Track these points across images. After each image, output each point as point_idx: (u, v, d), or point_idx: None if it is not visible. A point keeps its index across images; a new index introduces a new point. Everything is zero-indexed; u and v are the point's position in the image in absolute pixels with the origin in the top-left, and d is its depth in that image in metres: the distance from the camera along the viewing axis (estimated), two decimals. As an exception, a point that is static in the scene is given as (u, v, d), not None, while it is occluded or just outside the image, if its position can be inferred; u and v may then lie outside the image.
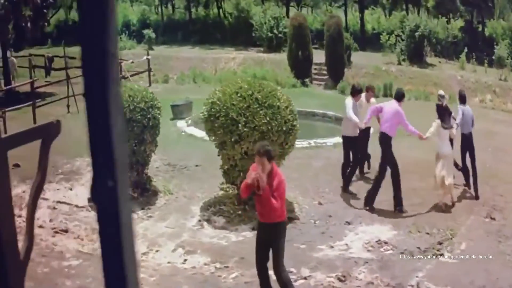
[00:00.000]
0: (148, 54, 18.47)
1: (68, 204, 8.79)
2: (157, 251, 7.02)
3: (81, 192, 9.28)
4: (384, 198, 8.81)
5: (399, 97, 8.63)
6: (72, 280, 6.48)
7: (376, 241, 7.56)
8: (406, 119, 8.47)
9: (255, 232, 7.68)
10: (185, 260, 6.79)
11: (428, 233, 7.94)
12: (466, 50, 21.21)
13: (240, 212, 7.88)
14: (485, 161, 10.31)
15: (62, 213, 8.42)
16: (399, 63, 21.26)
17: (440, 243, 7.66)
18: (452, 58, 22.16)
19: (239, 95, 7.50)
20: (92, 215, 8.44)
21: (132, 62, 17.93)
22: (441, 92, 10.21)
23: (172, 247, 7.09)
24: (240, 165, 7.60)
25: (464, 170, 9.28)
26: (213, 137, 7.77)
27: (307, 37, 19.31)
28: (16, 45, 18.11)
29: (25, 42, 16.98)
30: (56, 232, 7.73)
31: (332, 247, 7.27)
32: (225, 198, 8.23)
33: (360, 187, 9.17)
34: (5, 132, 12.67)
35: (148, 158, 8.69)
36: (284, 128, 7.57)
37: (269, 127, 7.40)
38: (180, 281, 6.27)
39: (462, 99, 9.26)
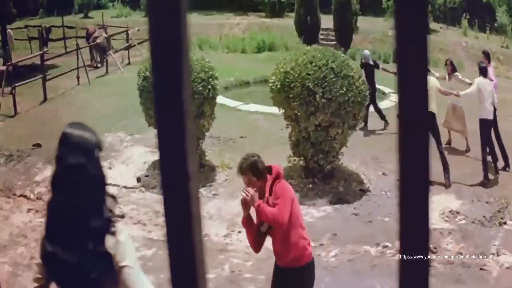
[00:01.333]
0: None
1: (115, 185, 7.90)
2: (239, 232, 6.63)
3: (124, 171, 8.63)
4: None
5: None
6: (154, 275, 5.74)
7: (449, 211, 7.54)
8: None
9: (335, 206, 7.51)
10: (274, 240, 6.51)
11: (487, 202, 7.99)
12: (468, 16, 21.21)
13: (310, 185, 7.67)
14: (511, 130, 10.32)
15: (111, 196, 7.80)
16: (403, 29, 21.09)
17: (499, 211, 7.75)
18: (453, 24, 22.16)
19: (313, 64, 7.16)
20: (147, 197, 7.84)
21: (138, 30, 17.14)
22: (366, 51, 10.88)
23: (255, 227, 6.79)
24: (313, 137, 7.35)
25: None
26: (285, 109, 7.45)
27: (315, 2, 18.87)
28: (8, 17, 16.95)
29: (27, 14, 15.87)
30: (111, 218, 7.07)
31: (412, 219, 7.19)
32: (291, 171, 7.97)
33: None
34: (15, 109, 12.00)
35: (206, 132, 8.31)
36: (359, 99, 7.33)
37: (346, 98, 7.14)
38: (279, 262, 6.01)
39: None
